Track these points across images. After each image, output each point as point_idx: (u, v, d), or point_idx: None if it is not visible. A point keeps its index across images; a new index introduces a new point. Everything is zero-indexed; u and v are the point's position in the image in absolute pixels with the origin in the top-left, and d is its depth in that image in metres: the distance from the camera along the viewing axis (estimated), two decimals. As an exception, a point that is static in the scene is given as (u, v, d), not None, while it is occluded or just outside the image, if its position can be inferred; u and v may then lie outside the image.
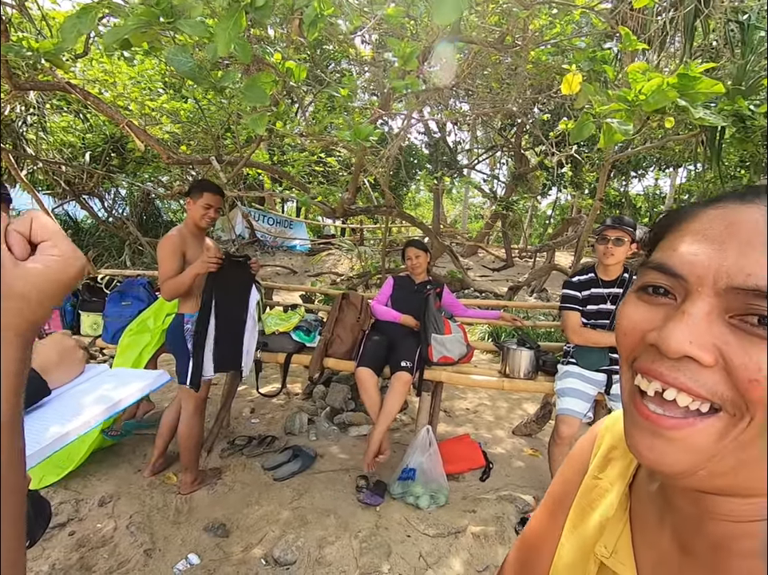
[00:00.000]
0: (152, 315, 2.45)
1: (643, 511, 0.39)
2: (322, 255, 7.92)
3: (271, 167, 4.20)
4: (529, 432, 2.82)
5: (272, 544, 1.82)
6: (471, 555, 1.80)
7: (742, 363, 0.27)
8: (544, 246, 7.65)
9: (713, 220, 0.31)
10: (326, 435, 2.72)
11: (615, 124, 1.06)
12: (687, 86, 1.08)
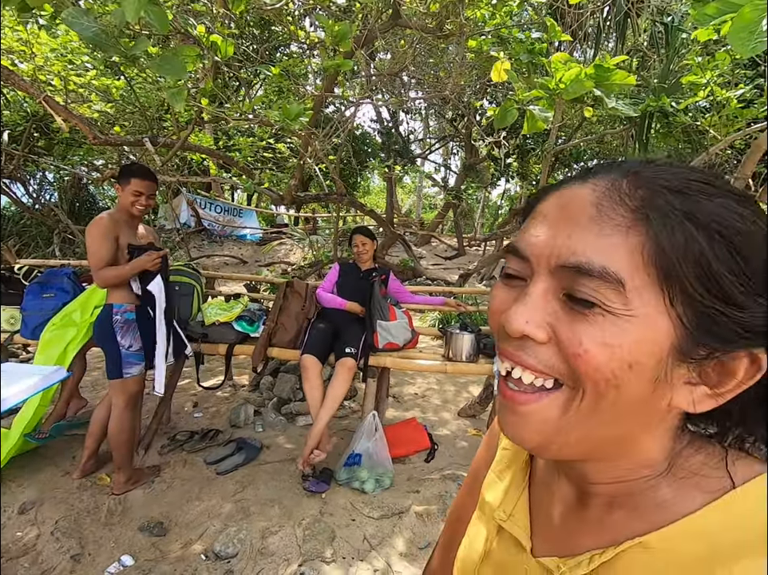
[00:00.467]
0: (79, 307, 2.28)
1: (540, 478, 0.42)
2: (274, 245, 7.72)
3: (214, 151, 4.01)
4: (473, 413, 2.92)
5: (213, 538, 1.78)
6: (414, 533, 1.85)
7: (567, 338, 0.28)
8: (493, 235, 7.90)
9: (551, 203, 0.32)
10: (273, 426, 2.68)
11: (536, 112, 1.10)
12: (602, 77, 1.14)
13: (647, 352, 0.27)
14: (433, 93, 4.81)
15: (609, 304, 0.27)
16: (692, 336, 0.27)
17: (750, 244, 0.26)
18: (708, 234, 0.26)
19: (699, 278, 0.26)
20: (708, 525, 0.29)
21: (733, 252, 0.26)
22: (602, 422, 0.30)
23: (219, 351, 2.39)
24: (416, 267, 7.49)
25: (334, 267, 2.67)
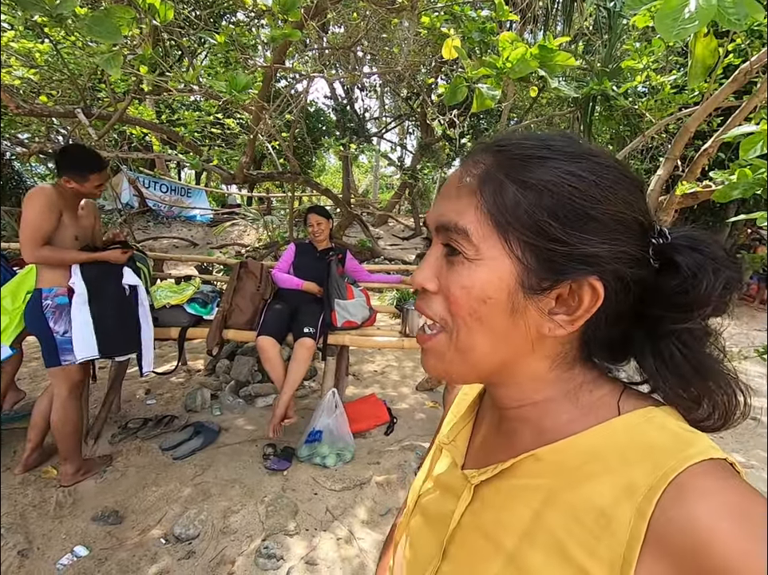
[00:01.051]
0: (9, 294, 2.11)
1: (482, 413, 0.49)
2: (226, 226, 7.43)
3: (157, 125, 3.77)
4: (431, 387, 3.03)
5: (173, 522, 1.76)
6: (375, 502, 1.93)
7: (444, 286, 0.36)
8: (448, 214, 8.01)
9: (446, 183, 0.40)
10: (232, 409, 2.65)
11: (484, 90, 1.13)
12: (546, 57, 1.18)
13: (495, 288, 0.34)
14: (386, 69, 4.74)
15: (465, 251, 0.34)
16: (533, 271, 0.33)
17: (567, 194, 0.32)
18: (535, 191, 0.33)
19: (527, 226, 0.33)
20: (590, 442, 0.35)
21: (556, 202, 0.32)
22: (481, 352, 0.36)
23: (170, 335, 2.31)
24: (373, 247, 7.50)
25: (290, 247, 2.63)
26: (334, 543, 1.69)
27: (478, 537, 0.39)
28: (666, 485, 0.29)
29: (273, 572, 1.55)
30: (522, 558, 0.34)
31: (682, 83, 3.16)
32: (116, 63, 1.01)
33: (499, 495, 0.39)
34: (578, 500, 0.33)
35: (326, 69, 4.48)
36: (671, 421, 0.34)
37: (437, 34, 3.12)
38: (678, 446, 0.31)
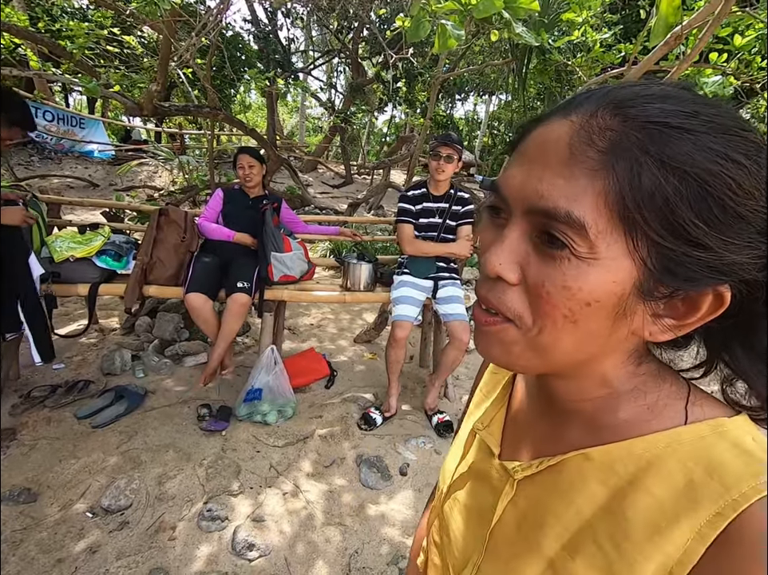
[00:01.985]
0: None
1: (518, 397, 0.45)
2: (132, 165, 6.53)
3: (34, 34, 3.05)
4: (369, 339, 3.06)
5: (99, 494, 1.63)
6: (319, 454, 1.95)
7: (533, 280, 0.30)
8: (381, 163, 7.84)
9: (532, 139, 0.31)
10: (157, 370, 2.46)
11: (449, 27, 1.03)
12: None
13: (607, 292, 0.28)
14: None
15: (576, 247, 0.27)
16: (655, 276, 0.28)
17: (721, 185, 0.25)
18: (679, 177, 0.25)
19: (663, 223, 0.26)
20: (651, 449, 0.31)
21: (704, 195, 0.25)
22: (563, 351, 0.31)
23: (78, 292, 2.03)
24: (303, 195, 7.15)
25: (217, 193, 2.38)
26: (280, 498, 1.69)
27: (519, 536, 0.36)
28: (734, 516, 0.26)
29: (218, 533, 1.52)
30: (563, 567, 0.32)
31: (612, 42, 3.24)
32: None
33: (543, 492, 0.36)
34: (630, 511, 0.30)
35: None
36: (747, 438, 0.29)
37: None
38: (753, 469, 0.27)
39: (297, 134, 17.35)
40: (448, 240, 2.29)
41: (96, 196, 6.94)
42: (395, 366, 2.19)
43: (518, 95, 4.45)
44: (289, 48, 9.02)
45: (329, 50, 10.34)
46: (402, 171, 11.74)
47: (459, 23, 1.08)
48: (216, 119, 4.52)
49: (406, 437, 2.11)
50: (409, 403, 2.42)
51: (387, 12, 5.94)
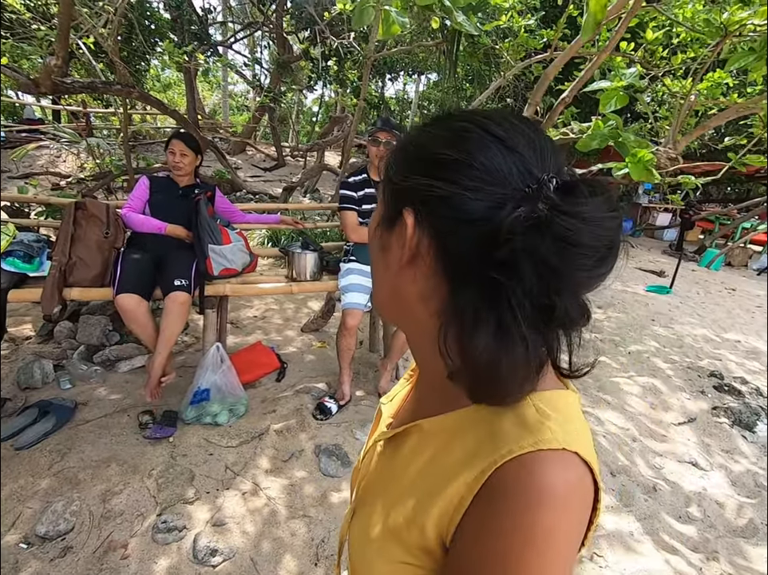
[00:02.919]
0: None
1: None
2: (29, 149, 5.71)
3: None
4: (317, 327, 3.03)
5: (33, 521, 1.48)
6: (276, 449, 1.92)
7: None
8: (315, 145, 7.62)
9: None
10: (86, 379, 2.25)
11: (393, 14, 1.02)
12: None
13: (373, 221, 0.42)
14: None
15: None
16: (385, 206, 0.40)
17: (405, 145, 0.39)
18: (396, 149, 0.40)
19: (385, 175, 0.40)
20: (458, 421, 0.38)
21: (404, 153, 0.39)
22: (375, 287, 0.45)
23: (-18, 301, 1.77)
24: (234, 179, 6.78)
25: (142, 181, 2.18)
26: (240, 499, 1.65)
27: (377, 489, 0.44)
28: (491, 472, 0.32)
29: (176, 544, 1.46)
30: (390, 516, 0.39)
31: (535, 27, 3.38)
32: None
33: (395, 454, 0.44)
34: (437, 469, 0.37)
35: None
36: (529, 410, 0.34)
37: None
38: (518, 433, 0.33)
39: (220, 113, 16.27)
40: (392, 225, 2.30)
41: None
42: (347, 353, 2.19)
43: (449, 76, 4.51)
44: (206, 18, 8.33)
45: (250, 23, 9.68)
46: (336, 152, 11.51)
47: (402, 10, 1.07)
48: (129, 97, 4.09)
49: (363, 422, 2.14)
50: (363, 388, 2.45)
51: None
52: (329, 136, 8.24)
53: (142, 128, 8.68)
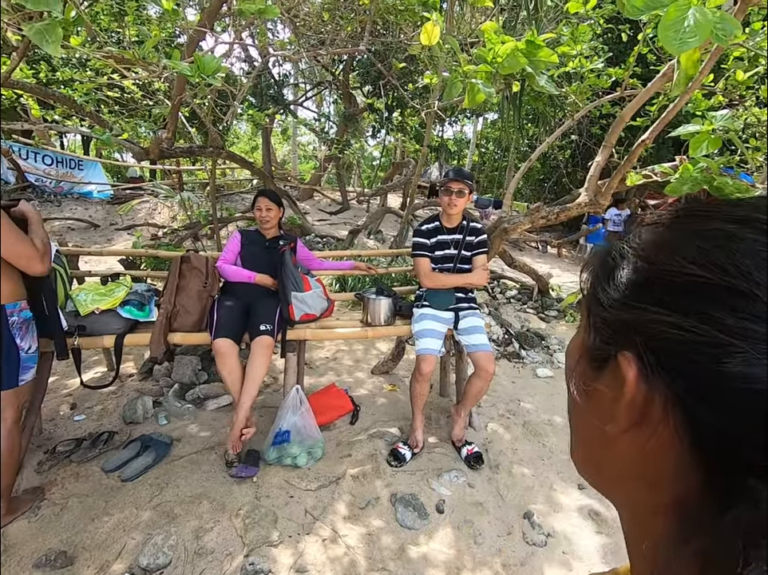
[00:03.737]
0: None
1: None
2: (133, 204, 6.60)
3: (44, 90, 3.14)
4: (387, 370, 3.06)
5: (136, 552, 1.60)
6: (353, 496, 1.93)
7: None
8: (379, 190, 7.96)
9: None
10: (180, 416, 2.44)
11: (480, 86, 1.09)
12: (532, 53, 1.17)
13: (575, 349, 0.31)
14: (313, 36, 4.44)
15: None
16: (592, 336, 0.28)
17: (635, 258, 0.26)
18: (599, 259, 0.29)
19: (589, 290, 0.29)
20: None
21: (623, 266, 0.27)
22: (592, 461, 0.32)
23: (104, 344, 2.03)
24: (303, 224, 7.23)
25: (235, 235, 2.41)
26: (320, 545, 1.67)
27: None
28: None
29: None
30: None
31: (603, 68, 3.38)
32: (54, 37, 0.77)
33: None
34: None
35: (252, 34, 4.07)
36: None
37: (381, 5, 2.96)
38: None
39: (290, 163, 17.61)
40: (464, 271, 2.33)
41: (98, 236, 6.98)
42: (420, 399, 2.19)
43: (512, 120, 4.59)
44: (282, 82, 9.26)
45: (320, 82, 10.61)
46: (398, 195, 11.91)
47: (487, 80, 1.14)
48: (219, 157, 4.61)
49: (438, 471, 2.10)
50: (435, 435, 2.41)
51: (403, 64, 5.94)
52: (391, 180, 8.60)
53: (225, 181, 9.61)
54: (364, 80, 8.89)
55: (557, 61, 1.20)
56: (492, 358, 2.12)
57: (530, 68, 1.18)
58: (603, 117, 5.05)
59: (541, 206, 2.60)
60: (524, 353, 3.50)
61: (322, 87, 11.05)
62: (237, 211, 7.19)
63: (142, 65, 1.56)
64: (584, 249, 8.68)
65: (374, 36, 4.59)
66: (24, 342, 1.64)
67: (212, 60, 1.04)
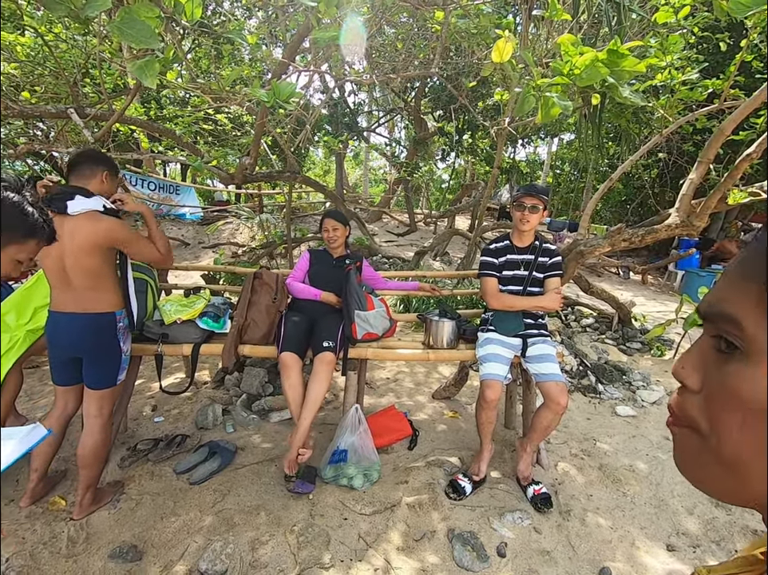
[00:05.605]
0: (13, 309, 1.96)
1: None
2: (219, 225, 7.21)
3: (152, 125, 3.57)
4: (448, 395, 2.96)
5: (197, 556, 1.65)
6: (408, 526, 1.84)
7: (709, 387, 0.31)
8: (447, 212, 7.94)
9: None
10: (245, 425, 2.54)
11: (555, 99, 1.03)
12: (615, 63, 1.09)
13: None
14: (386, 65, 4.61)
15: (743, 347, 0.28)
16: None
17: None
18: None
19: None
20: None
21: None
22: (755, 471, 0.28)
23: (182, 352, 2.18)
24: (371, 245, 7.38)
25: (304, 255, 2.51)
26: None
27: None
28: None
29: (312, 611, 1.46)
30: None
31: (697, 80, 3.10)
32: (151, 71, 0.88)
33: None
34: None
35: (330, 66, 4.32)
36: None
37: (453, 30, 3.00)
38: None
39: (360, 186, 18.27)
40: (535, 294, 2.20)
41: (188, 254, 7.70)
42: (487, 427, 2.07)
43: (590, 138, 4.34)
44: (356, 110, 9.73)
45: (392, 109, 10.97)
46: (466, 217, 11.79)
47: (563, 94, 1.08)
48: (295, 182, 4.89)
49: (500, 510, 1.94)
50: (499, 469, 2.25)
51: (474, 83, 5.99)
52: (460, 202, 8.54)
53: (300, 204, 10.17)
54: (435, 104, 9.04)
55: (643, 70, 1.10)
56: (565, 390, 1.95)
57: (612, 78, 1.10)
58: (698, 133, 4.61)
59: (623, 228, 2.39)
60: (601, 387, 3.20)
61: (394, 113, 11.42)
62: (310, 231, 7.55)
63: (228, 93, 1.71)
64: (674, 277, 7.85)
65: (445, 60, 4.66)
66: (125, 345, 1.84)
67: (287, 86, 1.11)
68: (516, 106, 1.02)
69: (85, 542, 1.72)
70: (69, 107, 2.60)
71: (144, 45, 0.82)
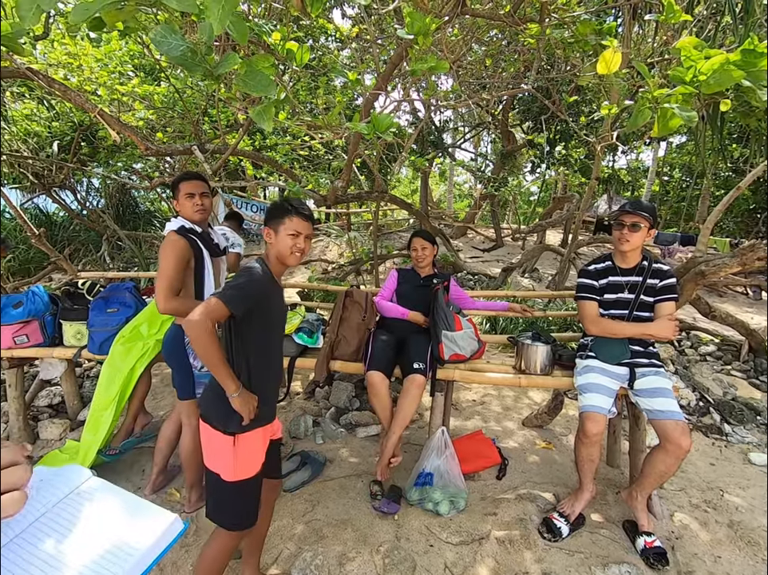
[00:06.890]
0: (146, 320, 2.28)
1: None
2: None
3: (257, 154, 3.96)
4: (541, 424, 2.77)
5: (289, 562, 1.73)
6: (497, 562, 1.74)
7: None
8: (537, 226, 7.57)
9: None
10: (334, 438, 2.62)
11: (676, 110, 0.94)
12: (751, 64, 0.96)
13: None
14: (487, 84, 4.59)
15: None
16: None
17: None
18: None
19: None
20: None
21: None
22: None
23: (280, 365, 2.34)
24: (456, 261, 7.30)
25: (392, 274, 2.56)
26: (459, 610, 1.54)
27: None
28: None
29: (398, 638, 1.44)
30: None
31: None
32: (268, 116, 1.00)
33: None
34: None
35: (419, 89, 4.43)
36: None
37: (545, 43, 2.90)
38: None
39: (445, 201, 18.24)
40: (643, 319, 1.98)
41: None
42: (588, 466, 1.89)
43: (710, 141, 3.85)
44: (442, 128, 9.79)
45: (478, 124, 10.85)
46: (557, 231, 11.13)
47: (685, 103, 0.98)
48: (383, 200, 5.04)
49: (603, 559, 1.75)
50: (600, 512, 2.03)
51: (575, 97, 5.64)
52: (551, 216, 8.10)
53: (386, 221, 10.46)
54: (524, 117, 8.75)
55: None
56: (687, 431, 1.71)
57: (748, 81, 0.97)
58: None
59: (758, 243, 2.07)
60: (727, 428, 2.75)
61: (480, 128, 11.28)
62: (395, 248, 7.71)
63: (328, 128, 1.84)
64: (823, 298, 6.55)
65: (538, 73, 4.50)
66: (196, 361, 1.89)
67: (386, 118, 1.16)
68: (629, 120, 0.94)
69: (195, 535, 1.89)
70: (193, 144, 3.00)
71: (263, 93, 0.92)
